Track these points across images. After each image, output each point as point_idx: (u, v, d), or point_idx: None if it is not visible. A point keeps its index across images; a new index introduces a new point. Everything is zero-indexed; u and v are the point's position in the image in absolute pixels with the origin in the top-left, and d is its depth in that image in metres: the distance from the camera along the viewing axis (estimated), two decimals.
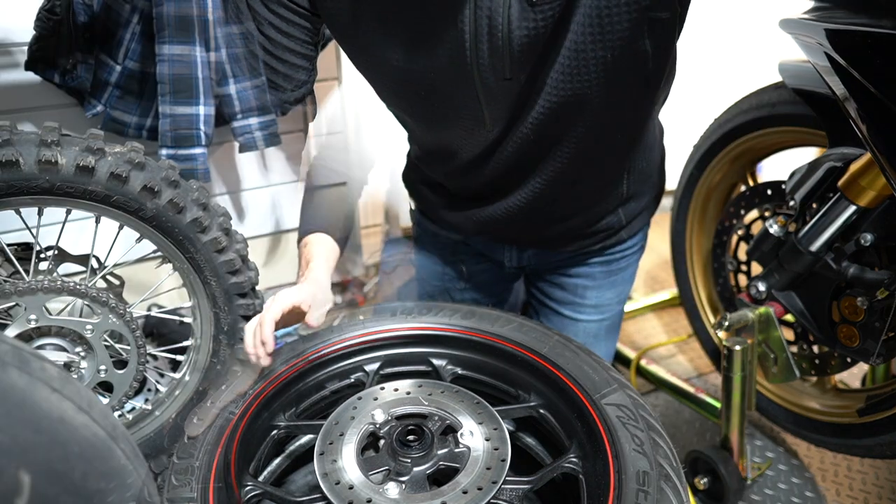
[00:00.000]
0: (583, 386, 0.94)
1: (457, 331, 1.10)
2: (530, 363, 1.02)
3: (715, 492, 1.29)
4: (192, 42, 1.54)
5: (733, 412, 1.28)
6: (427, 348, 1.12)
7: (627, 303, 1.87)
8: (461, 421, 0.92)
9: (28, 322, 1.17)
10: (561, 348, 1.03)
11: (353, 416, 0.96)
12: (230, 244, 1.29)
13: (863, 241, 1.12)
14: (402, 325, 1.14)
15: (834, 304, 1.20)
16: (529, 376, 1.03)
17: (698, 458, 1.32)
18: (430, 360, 1.12)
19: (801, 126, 1.29)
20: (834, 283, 1.19)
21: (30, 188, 1.10)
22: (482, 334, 1.08)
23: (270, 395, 1.04)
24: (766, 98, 1.36)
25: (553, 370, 0.99)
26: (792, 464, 1.40)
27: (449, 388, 1.00)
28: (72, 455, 0.51)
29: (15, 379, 0.49)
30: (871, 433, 1.20)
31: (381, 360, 1.13)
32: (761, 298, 1.31)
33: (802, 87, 1.23)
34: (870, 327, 1.14)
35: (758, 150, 1.45)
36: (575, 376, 0.96)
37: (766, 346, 1.29)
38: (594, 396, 0.92)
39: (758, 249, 1.31)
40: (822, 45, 0.92)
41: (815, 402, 1.39)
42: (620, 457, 0.81)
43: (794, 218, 1.25)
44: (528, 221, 1.17)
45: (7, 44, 1.59)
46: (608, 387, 0.94)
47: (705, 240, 1.62)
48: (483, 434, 0.89)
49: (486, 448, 0.87)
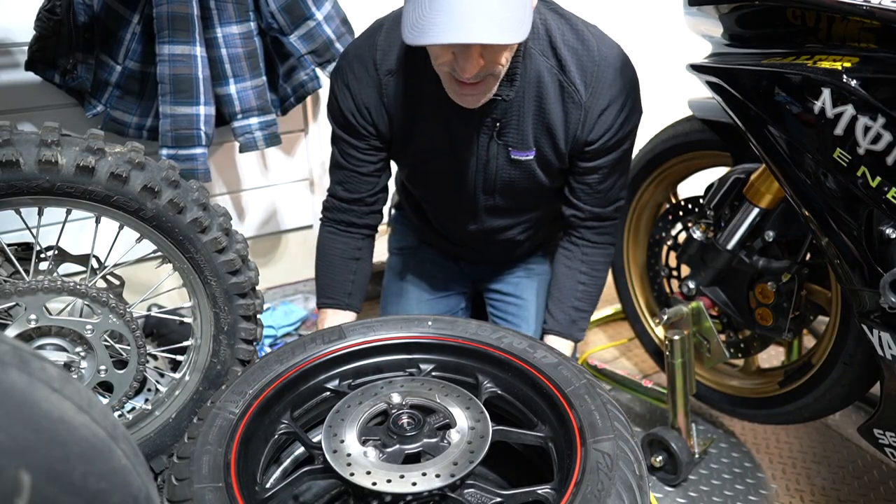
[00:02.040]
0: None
1: (510, 357, 1.11)
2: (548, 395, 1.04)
3: (670, 467, 1.47)
4: (192, 42, 1.54)
5: (678, 395, 1.46)
6: (477, 363, 1.15)
7: None
8: (458, 422, 1.00)
9: (28, 322, 1.17)
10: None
11: (377, 393, 1.06)
12: (230, 244, 1.29)
13: (767, 238, 1.36)
14: (464, 337, 1.17)
15: (750, 292, 1.43)
16: (546, 407, 1.05)
17: (653, 439, 1.49)
18: (477, 375, 1.15)
19: (710, 150, 1.56)
20: (748, 275, 1.42)
21: (30, 188, 1.10)
22: (528, 365, 1.09)
23: (348, 366, 1.17)
24: (680, 129, 1.62)
25: (563, 403, 1.00)
26: (731, 441, 1.63)
27: (471, 400, 1.04)
28: (72, 455, 0.51)
29: (15, 379, 0.49)
30: (791, 400, 1.43)
31: (435, 363, 1.18)
32: (692, 295, 1.52)
33: (708, 118, 1.52)
34: (780, 307, 1.38)
35: (677, 173, 1.71)
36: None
37: (700, 335, 1.50)
38: None
39: (685, 253, 1.54)
40: (721, 82, 1.18)
41: (743, 382, 1.61)
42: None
43: (712, 224, 1.48)
44: (484, 258, 1.69)
45: (7, 44, 1.59)
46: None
47: (640, 253, 1.86)
48: (468, 437, 0.96)
49: (464, 449, 0.94)
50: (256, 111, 1.73)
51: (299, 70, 1.83)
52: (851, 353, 1.26)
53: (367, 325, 1.21)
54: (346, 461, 0.92)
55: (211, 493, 0.84)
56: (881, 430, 1.12)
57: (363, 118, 1.35)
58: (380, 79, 1.31)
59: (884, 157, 0.94)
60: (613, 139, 1.31)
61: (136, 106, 1.70)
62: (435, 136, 1.36)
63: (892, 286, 0.97)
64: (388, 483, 0.88)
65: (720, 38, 1.27)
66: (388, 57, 1.30)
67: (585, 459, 0.88)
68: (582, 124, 1.29)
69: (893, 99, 0.93)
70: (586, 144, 1.32)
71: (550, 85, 1.27)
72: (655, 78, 2.41)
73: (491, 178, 1.40)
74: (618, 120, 1.29)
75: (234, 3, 1.60)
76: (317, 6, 1.69)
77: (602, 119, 1.29)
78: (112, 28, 1.57)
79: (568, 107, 1.29)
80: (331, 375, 1.16)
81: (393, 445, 0.96)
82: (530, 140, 1.33)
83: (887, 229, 0.97)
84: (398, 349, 1.19)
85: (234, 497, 0.85)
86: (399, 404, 1.03)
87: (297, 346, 1.16)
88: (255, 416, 1.01)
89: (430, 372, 1.17)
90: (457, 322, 1.20)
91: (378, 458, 0.93)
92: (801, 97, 1.03)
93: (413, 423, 0.98)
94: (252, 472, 0.97)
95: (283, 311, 2.12)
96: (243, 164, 2.03)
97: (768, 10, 1.12)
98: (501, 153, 1.35)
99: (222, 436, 0.95)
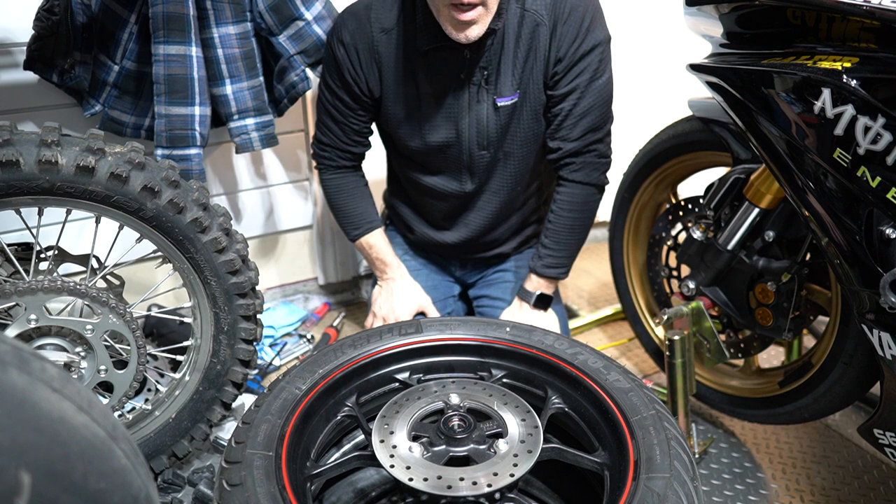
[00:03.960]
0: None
1: (581, 374, 1.09)
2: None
3: None
4: (187, 42, 1.54)
5: (678, 395, 1.47)
6: (548, 376, 1.14)
7: (574, 319, 2.14)
8: (509, 432, 0.98)
9: (28, 322, 1.17)
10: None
11: (437, 391, 1.06)
12: (230, 244, 1.29)
13: (767, 238, 1.36)
14: (538, 348, 1.15)
15: (750, 292, 1.43)
16: (609, 433, 1.02)
17: None
18: (546, 388, 1.13)
19: (710, 150, 1.55)
20: (748, 275, 1.42)
21: (30, 188, 1.10)
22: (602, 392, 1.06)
23: (420, 360, 1.19)
24: (680, 129, 1.62)
25: (626, 431, 0.97)
26: (731, 441, 1.62)
27: (528, 413, 1.02)
28: (72, 455, 0.51)
29: (15, 379, 0.49)
30: (791, 400, 1.43)
31: (507, 370, 1.18)
32: (692, 295, 1.52)
33: (709, 118, 1.51)
34: (780, 307, 1.38)
35: (677, 173, 1.71)
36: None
37: (700, 335, 1.50)
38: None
39: (685, 253, 1.54)
40: (721, 82, 1.18)
41: (743, 382, 1.60)
42: None
43: (712, 224, 1.48)
44: (475, 249, 1.75)
45: (7, 44, 1.59)
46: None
47: (640, 253, 1.85)
48: (515, 449, 0.94)
49: (509, 461, 0.92)
50: (253, 112, 1.72)
51: (290, 71, 1.81)
52: (851, 353, 1.26)
53: (444, 322, 1.22)
54: (391, 452, 0.93)
55: (260, 459, 0.89)
56: (881, 430, 1.12)
57: (357, 73, 1.48)
58: (373, 35, 1.44)
59: (884, 157, 0.94)
60: (580, 50, 1.41)
61: (134, 106, 1.70)
62: (427, 91, 1.46)
63: (892, 286, 0.97)
64: (425, 482, 0.88)
65: (720, 38, 1.27)
66: (381, 15, 1.44)
67: (633, 495, 0.84)
68: (549, 41, 1.41)
69: (893, 99, 0.93)
70: (557, 62, 1.43)
71: (522, 21, 1.41)
72: (655, 78, 2.43)
73: (483, 129, 1.49)
74: (581, 27, 1.39)
75: (231, 4, 1.59)
76: (306, 6, 1.67)
77: (566, 28, 1.40)
78: (110, 28, 1.57)
79: (537, 33, 1.41)
80: (402, 367, 1.17)
81: (439, 445, 0.96)
82: (515, 82, 1.44)
83: (887, 229, 0.97)
84: (472, 350, 1.19)
85: (279, 467, 0.88)
86: (455, 406, 1.02)
87: (373, 335, 1.18)
88: (321, 394, 1.05)
89: (500, 378, 1.16)
90: (534, 331, 1.19)
91: (422, 456, 0.94)
92: (801, 97, 1.03)
93: (464, 426, 0.98)
94: (307, 448, 1.00)
95: (283, 311, 2.12)
96: (241, 164, 2.03)
97: (768, 10, 1.12)
98: (489, 102, 1.46)
99: (284, 408, 0.99)
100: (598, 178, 1.55)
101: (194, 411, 1.36)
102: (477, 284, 1.83)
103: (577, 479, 1.15)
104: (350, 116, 1.56)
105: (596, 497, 1.08)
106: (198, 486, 1.36)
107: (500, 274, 1.77)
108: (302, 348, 1.97)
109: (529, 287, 1.61)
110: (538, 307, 1.61)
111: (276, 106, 1.87)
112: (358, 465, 1.02)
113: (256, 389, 1.72)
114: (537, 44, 1.41)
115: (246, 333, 1.34)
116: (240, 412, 1.59)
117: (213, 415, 1.38)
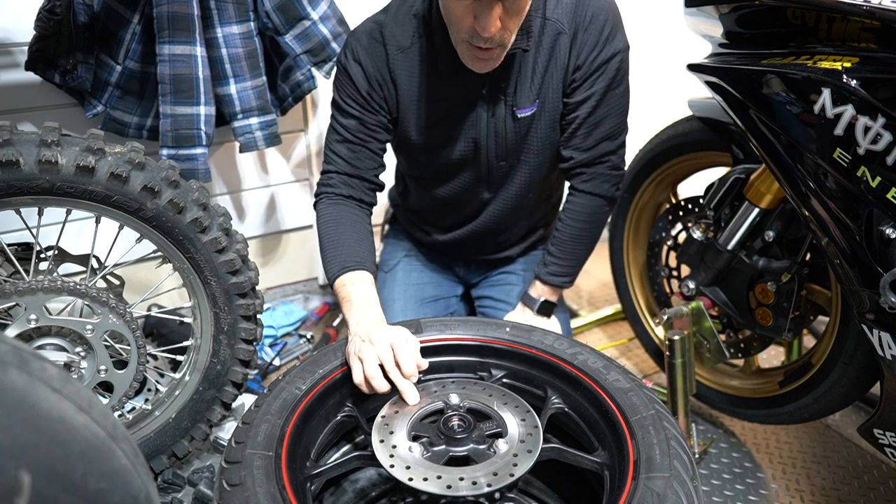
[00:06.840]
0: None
1: (581, 374, 1.09)
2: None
3: None
4: (192, 42, 1.54)
5: (679, 395, 1.47)
6: (548, 377, 1.13)
7: (574, 319, 2.14)
8: (509, 432, 0.98)
9: (28, 322, 1.17)
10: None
11: (437, 391, 1.06)
12: (230, 244, 1.29)
13: (767, 238, 1.36)
14: (538, 349, 1.15)
15: (750, 292, 1.43)
16: (609, 433, 1.02)
17: None
18: (546, 388, 1.12)
19: (710, 150, 1.55)
20: (748, 275, 1.42)
21: (30, 188, 1.10)
22: (604, 395, 1.06)
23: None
24: (680, 129, 1.62)
25: (625, 431, 0.97)
26: (731, 441, 1.62)
27: (528, 413, 1.01)
28: (72, 455, 0.51)
29: (15, 379, 0.49)
30: (791, 400, 1.43)
31: (507, 370, 1.17)
32: (692, 295, 1.53)
33: (708, 118, 1.52)
34: (780, 307, 1.38)
35: (677, 173, 1.71)
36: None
37: (700, 335, 1.51)
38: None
39: (685, 253, 1.54)
40: (721, 82, 1.18)
41: (744, 382, 1.60)
42: None
43: (712, 224, 1.48)
44: (483, 251, 1.73)
45: (7, 44, 1.59)
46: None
47: (640, 253, 1.85)
48: (515, 449, 0.94)
49: (508, 461, 0.92)
50: (256, 111, 1.73)
51: (295, 70, 1.83)
52: (851, 353, 1.26)
53: (444, 322, 1.22)
54: (391, 452, 0.94)
55: (260, 459, 0.89)
56: (881, 430, 1.12)
57: (374, 90, 1.41)
58: (388, 54, 1.39)
59: (884, 157, 0.94)
60: (599, 58, 1.37)
61: (136, 106, 1.70)
62: (446, 108, 1.43)
63: (892, 286, 0.97)
64: (425, 482, 0.88)
65: (720, 38, 1.27)
66: (395, 34, 1.39)
67: (632, 495, 0.83)
68: (569, 49, 1.38)
69: (893, 99, 0.93)
70: (576, 70, 1.40)
71: (543, 31, 1.38)
72: (655, 78, 2.43)
73: (502, 141, 1.46)
74: (602, 35, 1.36)
75: (235, 3, 1.60)
76: (312, 6, 1.68)
77: (586, 36, 1.37)
78: (112, 28, 1.57)
79: (558, 42, 1.38)
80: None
81: (439, 445, 0.96)
82: (535, 93, 1.41)
83: (887, 229, 0.97)
84: (472, 350, 1.18)
85: (279, 467, 0.88)
86: (455, 405, 1.02)
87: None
88: (320, 395, 1.05)
89: (500, 378, 1.16)
90: (534, 331, 1.19)
91: (422, 456, 0.94)
92: (801, 97, 1.03)
93: (463, 426, 0.98)
94: (307, 448, 1.00)
95: (283, 311, 2.12)
96: (243, 163, 2.03)
97: (768, 10, 1.12)
98: (508, 114, 1.43)
99: (284, 408, 0.99)
100: (608, 191, 1.52)
101: (194, 411, 1.36)
102: (480, 285, 1.82)
103: (576, 479, 1.14)
104: (365, 136, 1.43)
105: (596, 497, 1.08)
106: (198, 486, 1.36)
107: (505, 276, 1.76)
108: (302, 348, 1.97)
109: (533, 293, 1.59)
110: (542, 314, 1.60)
111: (280, 105, 1.88)
112: (358, 465, 1.02)
113: (256, 389, 1.72)
114: (558, 53, 1.39)
115: (246, 333, 1.34)
116: (240, 412, 1.59)
117: (213, 415, 1.38)
